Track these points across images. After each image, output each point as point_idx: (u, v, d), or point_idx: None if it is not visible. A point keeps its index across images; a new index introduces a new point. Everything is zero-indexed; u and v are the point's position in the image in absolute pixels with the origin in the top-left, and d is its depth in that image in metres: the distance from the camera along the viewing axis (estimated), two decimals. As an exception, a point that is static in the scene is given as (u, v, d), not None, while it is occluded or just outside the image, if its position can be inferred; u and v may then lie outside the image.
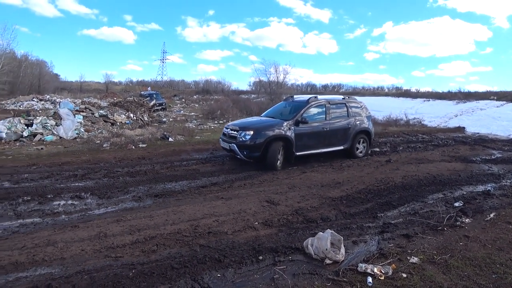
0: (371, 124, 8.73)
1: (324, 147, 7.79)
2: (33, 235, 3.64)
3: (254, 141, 6.79)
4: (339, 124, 8.03)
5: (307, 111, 7.56)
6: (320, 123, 7.70)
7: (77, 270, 2.95)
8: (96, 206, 4.77)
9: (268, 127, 7.07)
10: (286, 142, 7.11)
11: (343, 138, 8.10)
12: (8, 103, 20.86)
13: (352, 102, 8.54)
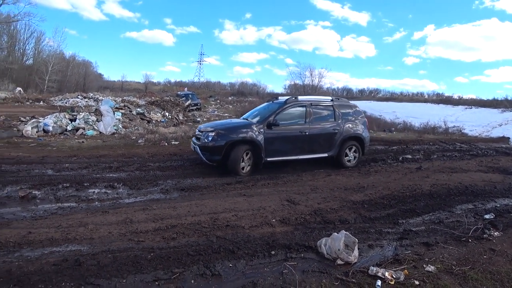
0: (365, 130, 7.90)
1: (303, 154, 7.09)
2: (68, 217, 4.05)
3: (214, 143, 6.39)
4: (322, 128, 7.30)
5: (283, 113, 6.93)
6: (298, 127, 7.02)
7: (102, 249, 3.25)
8: (126, 195, 5.16)
9: (232, 129, 6.68)
10: (253, 146, 6.58)
11: (328, 145, 7.33)
12: (56, 99, 22.59)
13: (342, 104, 7.79)
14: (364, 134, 7.78)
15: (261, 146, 6.55)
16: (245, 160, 6.57)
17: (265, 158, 6.66)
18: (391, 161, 8.93)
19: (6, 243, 3.26)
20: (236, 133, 6.54)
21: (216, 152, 6.37)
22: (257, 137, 6.52)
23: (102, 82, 57.83)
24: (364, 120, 8.01)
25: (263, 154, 6.61)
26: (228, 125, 7.07)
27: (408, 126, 21.05)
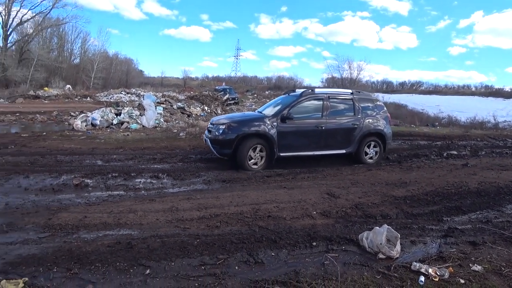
0: (387, 126, 7.47)
1: (319, 149, 6.81)
2: (118, 204, 4.31)
3: (225, 136, 6.24)
4: (340, 123, 6.95)
5: (298, 106, 6.67)
6: (314, 121, 6.71)
7: (151, 234, 3.46)
8: (170, 185, 5.39)
9: (244, 123, 6.50)
10: (266, 141, 6.35)
11: (346, 140, 6.98)
12: (101, 95, 24.00)
13: (363, 98, 7.38)
14: (386, 130, 7.34)
15: (274, 141, 6.32)
16: (257, 154, 6.38)
17: (278, 153, 6.43)
18: (435, 157, 8.57)
19: (65, 225, 3.55)
20: (247, 126, 6.36)
21: (226, 146, 6.24)
22: (270, 131, 6.30)
23: (143, 78, 60.34)
24: (386, 115, 7.58)
25: (275, 149, 6.38)
26: (240, 118, 6.97)
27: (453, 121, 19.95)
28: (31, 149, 7.57)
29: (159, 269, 2.83)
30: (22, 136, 9.18)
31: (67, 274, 2.67)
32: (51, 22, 35.58)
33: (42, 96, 21.77)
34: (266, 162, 6.45)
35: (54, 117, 13.70)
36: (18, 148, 7.63)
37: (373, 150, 7.32)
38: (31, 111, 14.86)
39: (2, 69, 28.83)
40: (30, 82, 29.32)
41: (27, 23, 33.37)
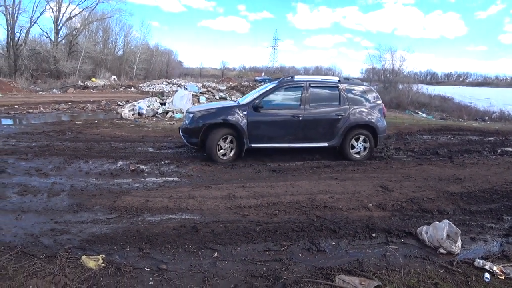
0: (380, 118, 6.72)
1: (297, 141, 6.38)
2: (176, 189, 4.45)
3: (192, 125, 6.09)
4: (321, 113, 6.40)
5: (273, 94, 6.34)
6: (290, 111, 6.28)
7: (213, 219, 3.56)
8: (222, 173, 5.46)
9: (212, 112, 6.27)
10: (235, 131, 6.08)
11: (328, 133, 6.42)
12: (144, 85, 24.95)
13: (351, 86, 6.73)
14: (377, 123, 6.60)
15: (243, 131, 6.00)
16: (227, 145, 6.16)
17: (249, 144, 6.13)
18: (488, 153, 8.08)
19: (130, 208, 3.73)
20: (215, 115, 6.13)
21: (193, 135, 6.09)
22: (239, 121, 6.00)
23: (182, 69, 61.82)
24: (381, 107, 6.86)
25: (245, 140, 6.07)
26: (209, 107, 6.72)
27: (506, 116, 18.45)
28: (86, 135, 8.02)
29: (226, 253, 2.93)
30: (76, 123, 9.75)
31: (139, 253, 2.81)
32: (96, 17, 37.22)
33: (90, 86, 23.06)
34: (235, 154, 6.23)
35: (103, 106, 14.43)
36: (74, 134, 8.11)
37: (361, 144, 6.65)
38: (81, 101, 15.75)
39: (54, 62, 30.75)
40: (79, 73, 31.06)
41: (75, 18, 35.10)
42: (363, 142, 6.64)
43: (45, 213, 3.64)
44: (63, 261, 2.59)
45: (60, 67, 30.37)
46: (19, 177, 4.91)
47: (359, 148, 6.67)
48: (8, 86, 19.50)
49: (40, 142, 7.16)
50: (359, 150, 6.67)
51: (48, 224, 3.33)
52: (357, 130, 6.53)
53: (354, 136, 6.54)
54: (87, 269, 2.52)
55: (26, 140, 7.39)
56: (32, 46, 31.34)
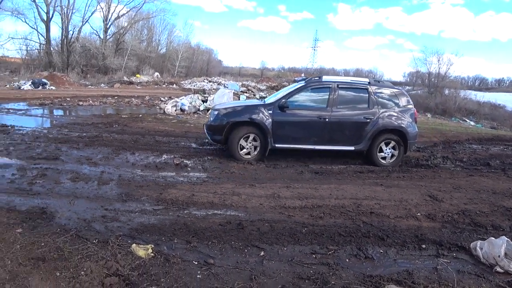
0: (411, 124, 6.37)
1: (322, 144, 6.16)
2: (220, 186, 4.47)
3: (216, 122, 6.08)
4: (349, 115, 6.19)
5: (299, 94, 6.17)
6: (316, 112, 6.08)
7: (258, 218, 3.53)
8: (264, 172, 5.42)
9: (237, 110, 6.20)
10: (259, 130, 5.97)
11: (356, 136, 6.16)
12: (185, 83, 25.63)
13: (382, 89, 6.43)
14: (408, 128, 6.25)
15: (268, 130, 5.90)
16: (249, 144, 6.05)
17: (273, 144, 6.00)
18: None
19: (176, 201, 3.79)
20: (239, 113, 6.06)
21: (217, 132, 6.05)
22: (264, 120, 5.90)
23: (222, 68, 62.81)
24: (412, 112, 6.51)
25: (269, 139, 5.95)
26: (235, 105, 6.69)
27: None
28: (132, 129, 8.33)
29: (273, 253, 2.88)
30: (122, 117, 10.17)
31: (187, 246, 2.83)
32: (142, 16, 38.87)
33: (135, 82, 24.07)
34: (260, 153, 6.12)
35: (147, 101, 14.95)
36: (121, 127, 8.45)
37: (389, 150, 6.31)
38: (127, 95, 16.44)
39: (102, 58, 32.53)
40: (124, 70, 32.67)
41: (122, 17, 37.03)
42: (392, 148, 6.32)
43: (96, 200, 3.78)
44: (114, 247, 2.65)
45: (108, 63, 32.02)
46: (71, 164, 5.16)
47: (386, 154, 6.33)
48: (62, 80, 20.82)
49: (89, 133, 7.52)
50: (386, 155, 6.34)
51: (99, 211, 3.46)
52: (386, 135, 6.23)
53: (382, 141, 6.24)
54: (137, 257, 2.56)
55: (77, 130, 7.80)
56: (83, 43, 33.34)
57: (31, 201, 3.70)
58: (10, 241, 2.76)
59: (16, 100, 14.10)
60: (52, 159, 5.52)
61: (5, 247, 2.66)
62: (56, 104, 12.77)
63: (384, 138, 6.21)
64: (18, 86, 18.90)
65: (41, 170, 4.84)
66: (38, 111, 11.47)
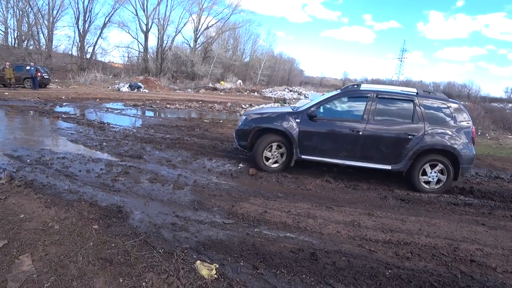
0: (467, 144, 5.28)
1: (353, 159, 5.43)
2: (294, 204, 4.16)
3: (243, 127, 5.86)
4: (388, 130, 5.33)
5: (331, 103, 5.64)
6: (350, 123, 5.39)
7: (334, 249, 3.11)
8: (343, 193, 4.97)
9: (264, 116, 5.87)
10: (285, 138, 5.55)
11: (394, 154, 5.31)
12: (266, 91, 25.98)
13: (432, 101, 5.44)
14: (461, 149, 5.22)
15: (294, 140, 5.48)
16: (274, 153, 5.67)
17: (299, 154, 5.54)
18: None
19: (247, 216, 3.59)
20: (266, 120, 5.73)
21: (243, 137, 5.85)
22: (291, 129, 5.49)
23: (303, 77, 62.98)
24: (469, 130, 5.42)
25: (295, 149, 5.51)
26: (263, 111, 6.28)
27: None
28: (212, 134, 8.52)
29: (351, 297, 2.43)
30: (204, 121, 10.55)
31: (253, 272, 2.58)
32: (229, 26, 41.15)
33: (218, 88, 25.21)
34: (285, 163, 5.73)
35: (228, 108, 15.41)
36: (202, 131, 8.71)
37: (434, 173, 5.34)
38: (210, 101, 17.20)
39: (191, 65, 35.17)
40: (210, 76, 34.81)
41: (211, 27, 39.84)
42: (440, 172, 5.36)
43: (169, 205, 3.79)
44: (178, 261, 2.54)
45: (196, 70, 34.39)
46: (152, 164, 5.37)
47: (431, 177, 5.39)
48: (154, 83, 22.79)
49: (172, 135, 7.88)
50: (431, 179, 5.40)
51: (170, 217, 3.43)
52: (432, 156, 5.34)
53: (427, 162, 5.36)
54: (200, 277, 2.40)
55: (162, 131, 8.24)
56: (175, 51, 36.60)
57: (111, 198, 3.87)
58: (86, 236, 2.85)
59: (115, 101, 15.75)
60: (136, 157, 5.85)
61: (80, 242, 2.74)
62: (147, 106, 13.86)
63: (430, 159, 5.34)
64: (118, 88, 21.18)
65: (125, 168, 5.12)
66: (131, 111, 12.57)
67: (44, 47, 32.18)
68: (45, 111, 10.84)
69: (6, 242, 2.71)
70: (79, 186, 4.27)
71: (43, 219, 3.17)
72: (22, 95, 15.21)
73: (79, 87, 22.35)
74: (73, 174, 4.74)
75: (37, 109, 11.24)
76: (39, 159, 5.36)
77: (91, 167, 5.09)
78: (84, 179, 4.56)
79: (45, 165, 5.08)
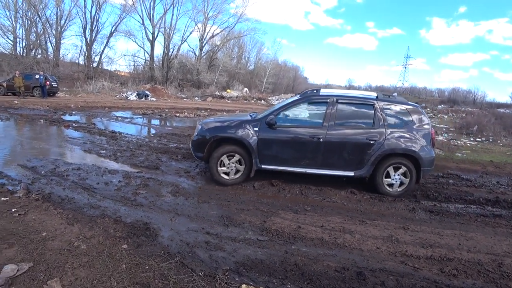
0: (426, 146, 5.25)
1: (315, 167, 5.19)
2: (326, 218, 3.96)
3: (198, 137, 5.43)
4: (349, 135, 5.17)
5: (291, 109, 5.34)
6: (310, 130, 5.16)
7: (379, 267, 2.92)
8: (369, 204, 4.75)
9: (220, 125, 5.47)
10: (243, 148, 5.18)
11: (356, 160, 5.16)
12: (273, 99, 25.88)
13: (391, 105, 5.37)
14: (421, 152, 5.18)
15: (252, 149, 5.14)
16: (231, 164, 5.26)
17: (258, 164, 5.22)
18: None
19: (282, 232, 3.38)
20: (222, 129, 5.34)
21: (199, 148, 5.41)
22: (249, 138, 5.14)
23: (307, 85, 62.90)
24: (428, 132, 5.40)
25: (254, 160, 5.18)
26: (218, 120, 5.87)
27: None
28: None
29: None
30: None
31: (302, 296, 2.36)
32: (234, 35, 41.22)
33: (225, 97, 25.13)
34: (244, 174, 5.29)
35: (237, 116, 15.25)
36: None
37: (397, 177, 5.27)
38: (218, 109, 17.06)
39: (196, 73, 35.20)
40: (216, 84, 34.78)
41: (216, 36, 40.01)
42: (402, 174, 5.29)
43: (196, 220, 3.60)
44: (222, 285, 2.34)
45: (201, 78, 34.40)
46: (170, 176, 5.19)
47: (394, 180, 5.31)
48: (161, 92, 22.73)
49: (186, 144, 7.69)
50: (394, 182, 5.32)
51: (201, 235, 3.23)
52: (394, 159, 5.25)
53: (389, 165, 5.27)
54: (247, 303, 2.19)
55: (175, 141, 8.07)
56: (180, 60, 36.61)
57: (135, 213, 3.68)
58: (116, 257, 2.65)
59: (123, 109, 15.63)
60: (153, 168, 5.67)
61: (112, 265, 2.54)
62: (156, 114, 13.72)
63: (392, 163, 5.26)
64: (126, 97, 21.11)
65: (144, 180, 4.94)
66: (141, 120, 12.43)
67: (52, 56, 32.41)
68: (55, 120, 10.72)
69: (31, 264, 2.52)
70: (98, 200, 4.09)
71: (68, 238, 2.98)
72: (31, 103, 15.14)
73: (87, 95, 22.32)
74: (91, 186, 4.56)
75: (47, 117, 11.12)
76: (53, 170, 5.19)
77: (108, 179, 4.91)
78: (103, 192, 4.38)
79: (61, 177, 4.91)
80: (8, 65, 27.25)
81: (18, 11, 30.27)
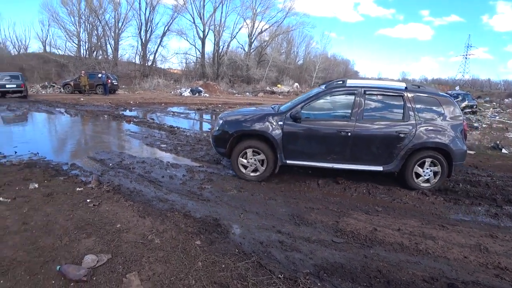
0: (458, 140, 4.91)
1: (342, 162, 4.91)
2: (402, 221, 3.65)
3: (219, 132, 5.18)
4: (378, 129, 4.86)
5: (317, 102, 4.99)
6: (337, 122, 4.88)
7: (470, 279, 2.59)
8: (445, 209, 4.32)
9: (242, 118, 5.20)
10: (267, 143, 4.92)
11: (385, 154, 4.85)
12: (323, 94, 25.30)
13: (422, 96, 4.99)
14: (453, 145, 4.86)
15: (277, 144, 4.88)
16: (251, 159, 5.00)
17: (283, 159, 4.94)
18: None
19: (358, 234, 3.16)
20: (244, 123, 5.08)
21: (220, 144, 5.16)
22: (272, 132, 4.87)
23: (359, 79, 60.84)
24: (460, 125, 5.03)
25: (279, 155, 4.92)
26: (242, 113, 5.60)
27: None
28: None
29: None
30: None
31: (393, 310, 2.13)
32: (282, 30, 40.83)
33: (276, 92, 24.98)
34: (267, 170, 4.99)
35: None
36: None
37: (428, 170, 4.94)
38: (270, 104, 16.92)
39: (246, 69, 35.50)
40: (265, 80, 34.75)
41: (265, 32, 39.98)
42: (431, 168, 4.97)
43: (266, 217, 3.50)
44: (304, 290, 2.18)
45: (251, 74, 34.56)
46: (232, 171, 5.14)
47: (426, 174, 4.98)
48: (214, 88, 23.19)
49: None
50: (426, 177, 4.99)
51: (273, 233, 3.11)
52: (425, 153, 4.93)
53: (420, 159, 4.95)
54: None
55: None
56: (230, 56, 37.07)
57: (203, 208, 3.66)
58: (191, 254, 2.61)
59: (179, 105, 16.14)
60: (214, 163, 5.69)
61: (187, 262, 2.50)
62: (210, 110, 13.96)
63: (422, 157, 4.93)
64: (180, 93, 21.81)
65: (207, 174, 4.96)
66: (196, 115, 12.70)
67: (111, 57, 34.57)
68: (117, 115, 11.30)
69: (110, 256, 2.55)
70: (165, 193, 4.14)
71: (141, 231, 3.01)
72: (95, 100, 16.17)
73: (144, 92, 23.42)
74: (156, 180, 4.65)
75: (109, 113, 11.76)
76: (120, 163, 5.40)
77: (172, 173, 4.99)
78: (169, 186, 4.44)
79: (127, 169, 5.08)
80: (73, 66, 29.75)
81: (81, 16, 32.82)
